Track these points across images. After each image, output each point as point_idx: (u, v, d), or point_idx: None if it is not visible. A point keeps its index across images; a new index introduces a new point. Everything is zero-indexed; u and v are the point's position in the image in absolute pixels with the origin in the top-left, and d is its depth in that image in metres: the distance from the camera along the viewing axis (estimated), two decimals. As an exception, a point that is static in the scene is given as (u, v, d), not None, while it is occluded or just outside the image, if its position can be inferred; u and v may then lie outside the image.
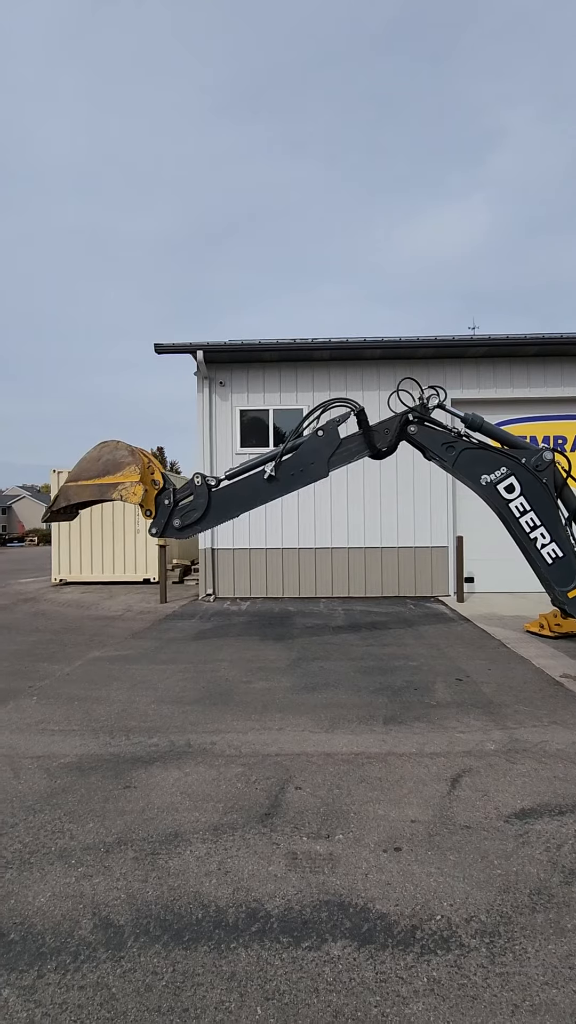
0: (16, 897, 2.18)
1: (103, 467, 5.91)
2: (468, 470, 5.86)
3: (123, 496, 5.75)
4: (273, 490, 5.94)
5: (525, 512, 5.60)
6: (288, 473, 5.89)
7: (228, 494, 6.01)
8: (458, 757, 3.37)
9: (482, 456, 5.82)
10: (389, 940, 1.93)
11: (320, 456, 5.91)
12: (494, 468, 5.73)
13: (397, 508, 9.92)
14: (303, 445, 5.92)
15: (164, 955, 1.88)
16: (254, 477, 5.94)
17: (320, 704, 4.35)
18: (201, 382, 10.03)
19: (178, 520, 5.94)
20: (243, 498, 6.03)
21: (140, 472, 5.77)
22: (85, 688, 4.87)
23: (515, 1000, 1.69)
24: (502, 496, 5.70)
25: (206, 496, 5.91)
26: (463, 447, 5.88)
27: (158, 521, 5.95)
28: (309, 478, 5.96)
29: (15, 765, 3.35)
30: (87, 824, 2.69)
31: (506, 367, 9.91)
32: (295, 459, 5.91)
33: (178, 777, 3.16)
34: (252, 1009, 1.67)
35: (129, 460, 5.87)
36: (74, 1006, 1.69)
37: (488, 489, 5.76)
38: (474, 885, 2.21)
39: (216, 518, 6.10)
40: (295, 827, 2.63)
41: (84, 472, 6.03)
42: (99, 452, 6.05)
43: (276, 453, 5.90)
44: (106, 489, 5.87)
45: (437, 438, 6.02)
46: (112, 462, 5.90)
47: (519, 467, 5.65)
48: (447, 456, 5.93)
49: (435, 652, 5.96)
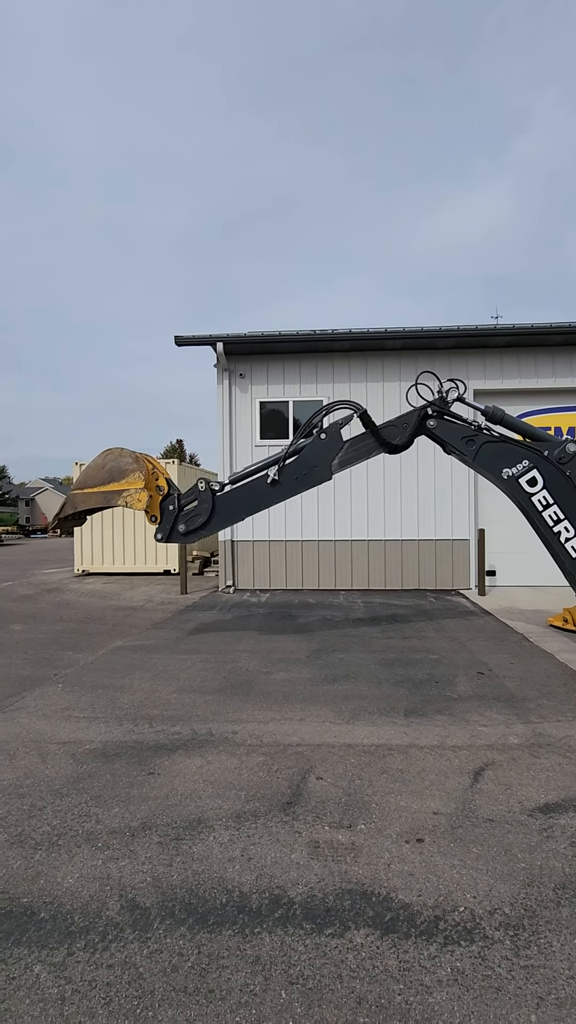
0: (45, 877, 2.24)
1: (108, 474, 6.00)
2: (489, 464, 5.77)
3: (128, 503, 5.83)
4: (277, 494, 5.94)
5: (548, 506, 5.50)
6: (291, 477, 5.88)
7: (232, 499, 6.03)
8: (480, 750, 3.35)
9: (503, 449, 5.72)
10: (412, 930, 1.94)
11: (323, 459, 5.88)
12: (515, 461, 5.63)
13: (418, 501, 9.84)
14: (306, 449, 5.90)
15: (189, 937, 1.92)
16: (258, 482, 5.95)
17: (341, 695, 4.36)
18: (221, 374, 10.04)
19: (183, 525, 5.99)
20: (247, 503, 6.05)
21: (144, 478, 5.85)
22: (108, 676, 4.95)
23: (540, 993, 1.68)
24: (524, 490, 5.61)
25: (210, 501, 5.95)
26: (483, 440, 5.79)
27: (163, 527, 6.01)
28: (313, 481, 5.94)
29: (42, 750, 3.43)
30: (112, 808, 2.74)
31: (530, 357, 9.72)
32: (298, 463, 5.89)
33: (200, 765, 3.20)
34: (276, 993, 1.69)
35: (133, 467, 5.94)
36: (103, 984, 1.73)
37: (510, 483, 5.66)
38: (498, 878, 2.20)
39: (220, 523, 6.14)
40: (317, 816, 2.65)
41: (89, 480, 6.14)
42: (103, 460, 6.15)
43: (279, 457, 5.90)
44: (111, 496, 5.96)
45: (457, 432, 5.93)
46: (116, 469, 5.99)
47: (541, 460, 5.54)
48: (467, 450, 5.84)
49: (456, 645, 5.92)
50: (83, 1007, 1.66)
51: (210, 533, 6.35)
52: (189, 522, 5.98)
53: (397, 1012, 1.62)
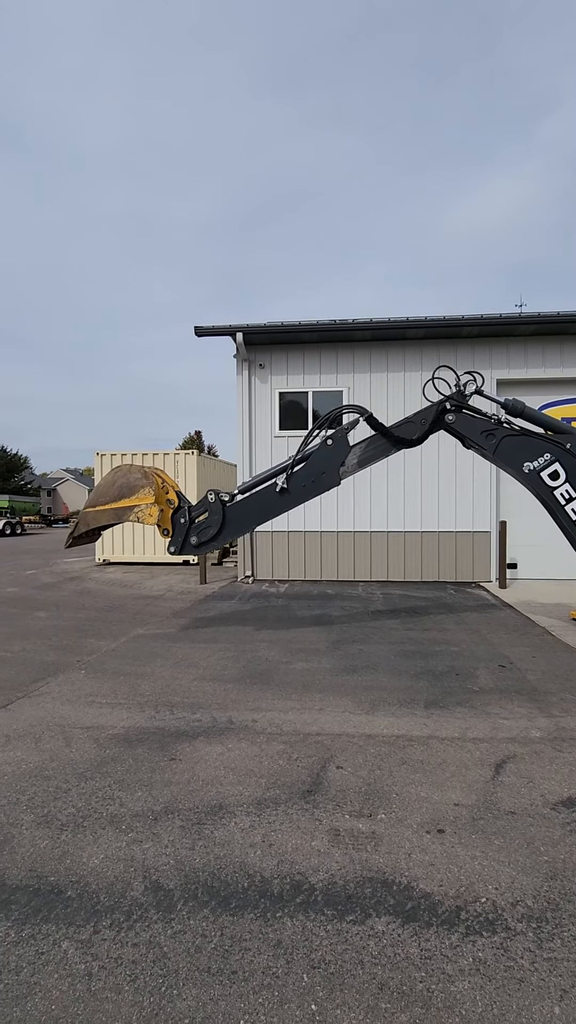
0: (71, 857, 2.29)
1: (118, 491, 6.05)
2: (509, 458, 5.67)
3: (140, 518, 5.87)
4: (286, 502, 5.92)
5: (571, 500, 5.39)
6: (300, 484, 5.85)
7: (242, 509, 6.03)
8: (502, 743, 3.32)
9: (524, 443, 5.61)
10: (433, 919, 1.94)
11: (331, 465, 5.84)
12: (537, 455, 5.52)
13: (438, 492, 9.74)
14: (313, 456, 5.86)
15: (212, 920, 1.95)
16: (267, 491, 5.94)
17: (360, 686, 4.36)
18: (240, 364, 10.03)
19: (195, 537, 6.01)
20: (257, 512, 6.05)
21: (155, 493, 5.87)
22: (130, 664, 5.02)
23: (563, 985, 1.67)
24: (546, 483, 5.50)
25: (220, 512, 5.95)
26: (503, 434, 5.68)
27: (175, 540, 6.04)
28: (321, 488, 5.91)
29: (67, 735, 3.50)
30: (135, 792, 2.79)
31: (556, 345, 9.50)
32: (306, 470, 5.86)
33: (221, 752, 3.23)
34: (299, 976, 1.71)
35: (143, 483, 5.97)
36: (128, 961, 1.77)
37: (531, 477, 5.56)
38: (520, 870, 2.18)
39: (231, 533, 6.15)
40: (337, 804, 2.66)
41: (101, 497, 6.20)
42: (114, 477, 6.22)
43: (286, 466, 5.88)
44: (123, 512, 6.01)
45: (476, 426, 5.83)
46: (127, 485, 6.03)
47: (563, 452, 5.43)
48: (487, 444, 5.74)
49: (477, 638, 5.87)
50: (109, 983, 1.70)
51: (222, 544, 6.37)
52: (201, 534, 6.01)
53: (419, 999, 1.63)
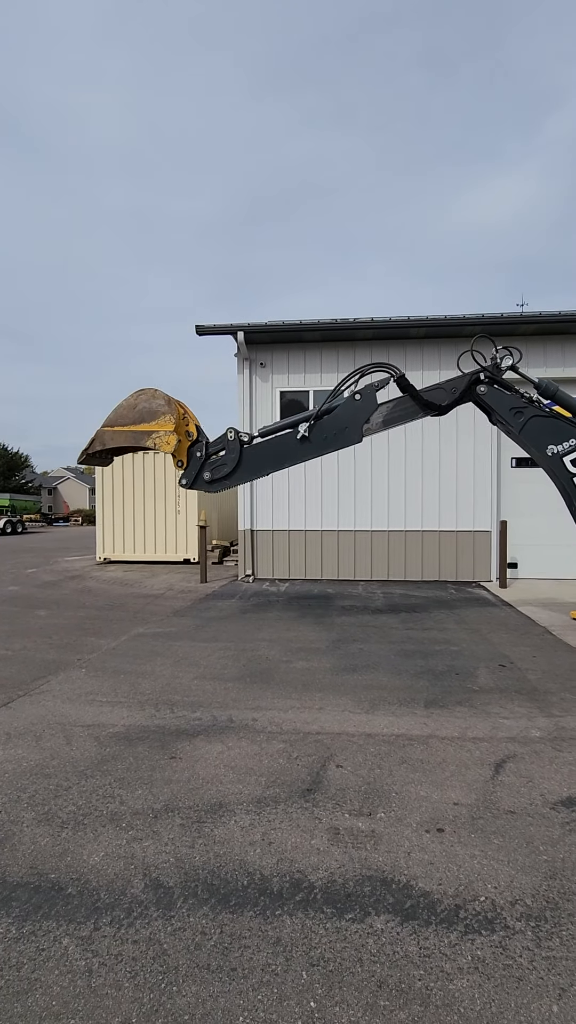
0: (72, 855, 2.30)
1: (139, 415, 5.97)
2: (534, 438, 5.63)
3: (156, 444, 5.80)
4: (306, 451, 5.88)
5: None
6: (322, 436, 5.82)
7: (260, 451, 5.99)
8: (501, 743, 3.33)
9: (552, 425, 5.58)
10: (432, 917, 1.94)
11: (355, 421, 5.81)
12: (563, 439, 5.49)
13: (439, 492, 9.75)
14: (339, 408, 5.84)
15: (212, 917, 1.95)
16: (287, 436, 5.91)
17: (360, 685, 4.37)
18: (242, 363, 10.03)
19: (208, 473, 5.98)
20: (275, 456, 6.00)
21: (175, 422, 5.83)
22: (130, 662, 5.03)
23: (562, 984, 1.68)
24: (568, 469, 5.48)
25: (238, 451, 5.91)
26: (532, 414, 5.65)
27: (189, 472, 6.00)
28: (343, 442, 5.88)
29: (67, 733, 3.51)
30: (136, 791, 2.80)
31: (558, 345, 9.50)
32: (330, 422, 5.83)
33: (221, 751, 3.24)
34: (298, 973, 1.72)
35: (165, 409, 5.90)
36: (128, 958, 1.78)
37: (553, 460, 5.53)
38: (519, 869, 2.19)
39: (246, 474, 6.10)
40: (337, 803, 2.66)
41: (120, 418, 6.09)
42: (136, 400, 6.09)
43: (312, 414, 5.85)
44: (140, 436, 5.92)
45: (506, 401, 5.79)
46: (148, 410, 5.95)
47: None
48: (514, 422, 5.70)
49: (477, 637, 5.87)
50: (109, 979, 1.70)
51: (234, 484, 6.32)
52: (215, 471, 5.97)
53: (418, 997, 1.64)
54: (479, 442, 9.64)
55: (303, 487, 10.03)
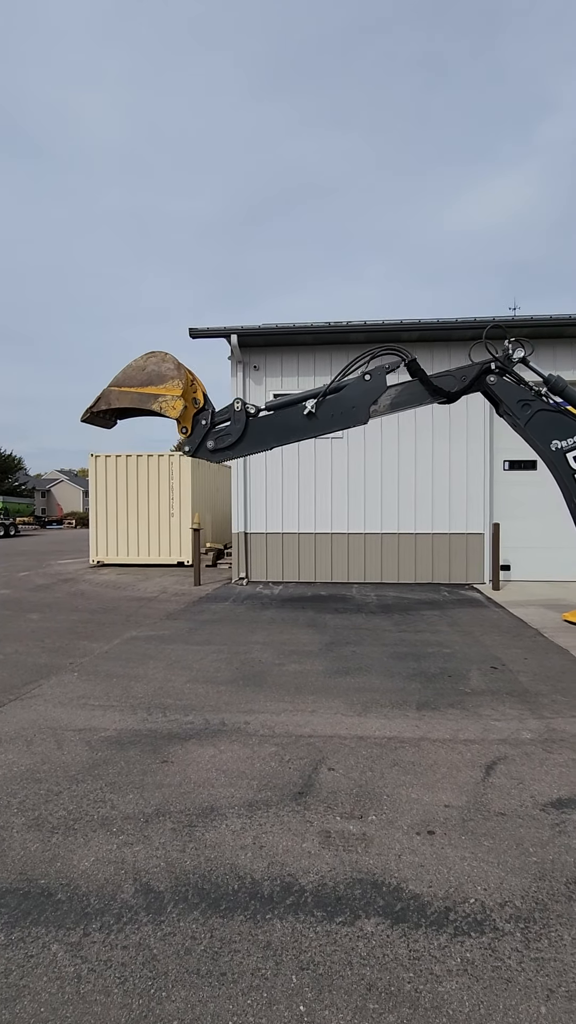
0: (62, 860, 2.29)
1: (147, 377, 5.89)
2: (540, 432, 5.67)
3: (162, 408, 5.73)
4: (311, 427, 5.86)
5: None
6: (328, 413, 5.80)
7: (265, 424, 5.95)
8: (493, 745, 3.34)
9: (558, 420, 5.61)
10: (422, 920, 1.95)
11: (363, 401, 5.80)
12: (568, 435, 5.53)
13: (432, 494, 9.78)
14: (347, 388, 5.83)
15: (202, 921, 1.95)
16: (294, 411, 5.88)
17: (353, 688, 4.37)
18: (235, 366, 10.04)
19: (212, 442, 5.93)
20: (280, 430, 5.96)
21: (183, 387, 5.76)
22: (123, 666, 5.02)
23: (550, 985, 1.68)
24: (570, 465, 5.52)
25: (243, 422, 5.87)
26: (539, 407, 5.68)
27: (192, 440, 5.94)
28: (349, 421, 5.86)
29: (58, 737, 3.49)
30: (127, 795, 2.79)
31: (549, 349, 9.56)
32: (337, 400, 5.82)
33: (213, 754, 3.23)
34: (287, 977, 1.72)
35: (174, 374, 5.83)
36: (118, 964, 1.77)
37: (557, 455, 5.57)
38: (509, 871, 2.20)
39: (250, 446, 6.05)
40: (328, 806, 2.67)
41: (128, 379, 5.99)
42: (145, 361, 5.99)
43: (320, 391, 5.83)
44: (147, 399, 5.84)
45: (515, 394, 5.82)
46: (157, 373, 5.87)
47: None
48: (521, 414, 5.73)
49: (469, 640, 5.89)
50: (98, 985, 1.70)
51: (237, 455, 6.25)
52: (219, 440, 5.92)
53: (407, 999, 1.64)
54: (472, 445, 9.69)
55: (297, 489, 10.04)
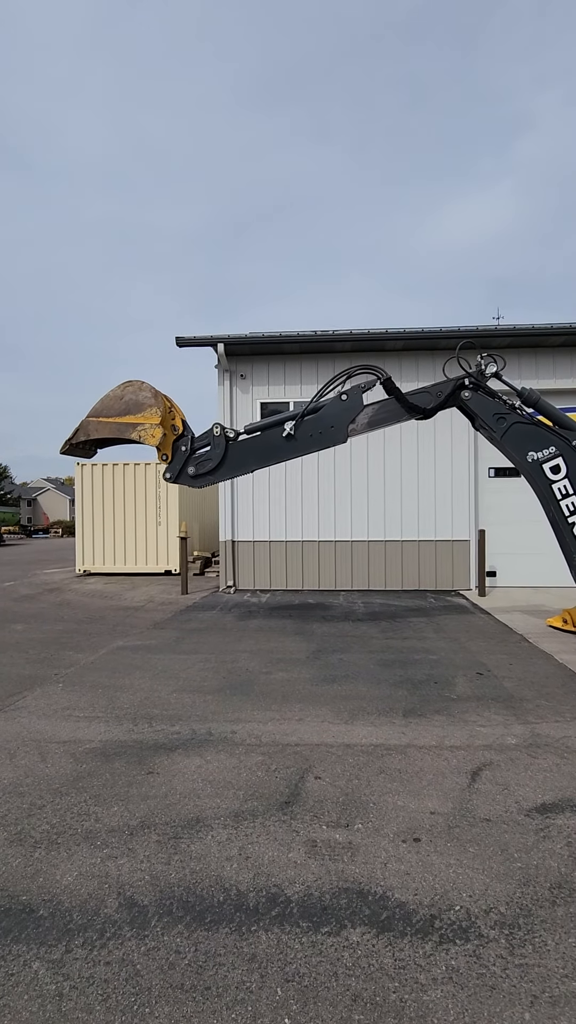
0: (44, 875, 2.25)
1: (125, 406, 5.94)
2: (516, 445, 5.75)
3: (141, 437, 5.78)
4: (291, 449, 5.91)
5: (567, 495, 5.50)
6: (307, 434, 5.86)
7: (245, 447, 6.00)
8: (478, 751, 3.36)
9: (533, 432, 5.70)
10: (408, 928, 1.95)
11: (340, 421, 5.86)
12: (543, 446, 5.61)
13: (418, 502, 9.85)
14: (324, 408, 5.89)
15: (187, 935, 1.93)
16: (273, 433, 5.93)
17: (340, 696, 4.37)
18: (222, 375, 10.07)
19: (193, 468, 5.97)
20: (260, 453, 6.01)
21: (161, 415, 5.80)
22: (109, 676, 4.97)
23: (534, 991, 1.69)
24: (547, 476, 5.59)
25: (223, 447, 5.92)
26: (514, 420, 5.76)
27: (173, 467, 5.98)
28: (328, 441, 5.92)
29: (42, 749, 3.45)
30: (112, 807, 2.76)
31: (531, 358, 9.72)
32: (315, 421, 5.88)
33: (199, 764, 3.21)
34: (272, 990, 1.71)
35: (151, 402, 5.88)
36: (100, 980, 1.75)
37: (533, 467, 5.64)
38: (493, 877, 2.21)
39: (231, 470, 6.10)
40: (315, 815, 2.66)
41: (106, 409, 6.05)
42: (122, 391, 6.05)
43: (297, 413, 5.89)
44: (126, 428, 5.89)
45: (489, 407, 5.90)
46: (134, 402, 5.93)
47: (569, 449, 5.53)
48: (497, 427, 5.81)
49: (455, 646, 5.92)
50: (80, 1003, 1.67)
51: (219, 480, 6.30)
52: (199, 466, 5.96)
53: (392, 1009, 1.64)
54: (457, 453, 9.78)
55: (284, 498, 10.06)
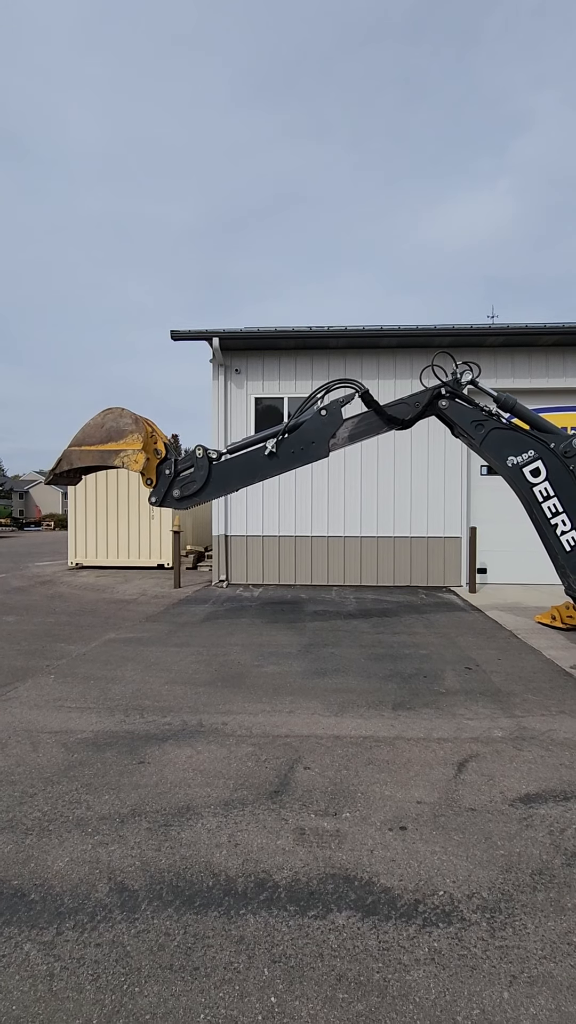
0: (36, 861, 2.29)
1: (106, 434, 5.98)
2: (495, 450, 5.81)
3: (125, 463, 5.82)
4: (273, 466, 5.97)
5: (549, 497, 5.57)
6: (289, 451, 5.91)
7: (228, 468, 6.05)
8: (465, 743, 3.42)
9: (511, 437, 5.76)
10: (392, 912, 2.00)
11: (321, 436, 5.92)
12: (522, 450, 5.68)
13: (411, 498, 9.91)
14: (305, 424, 5.93)
15: (176, 918, 1.97)
16: (255, 452, 5.98)
17: (330, 688, 4.42)
18: (216, 369, 10.06)
19: (177, 491, 6.01)
20: (244, 472, 6.07)
21: (143, 441, 5.84)
22: (100, 668, 4.99)
23: (513, 972, 1.74)
24: (527, 479, 5.66)
25: (206, 468, 5.97)
26: (492, 426, 5.83)
27: (158, 490, 6.03)
28: (309, 457, 5.98)
29: (34, 739, 3.47)
30: (103, 796, 2.79)
31: (524, 357, 9.78)
32: (296, 438, 5.93)
33: (190, 755, 3.25)
34: (259, 970, 1.75)
35: (132, 428, 5.93)
36: (91, 961, 1.78)
37: (514, 471, 5.71)
38: (477, 864, 2.26)
39: (215, 491, 6.16)
40: (303, 804, 2.70)
41: (87, 438, 6.10)
42: (103, 419, 6.10)
43: (278, 430, 5.94)
44: (108, 456, 5.94)
45: (467, 415, 5.96)
46: (115, 429, 5.97)
47: (547, 451, 5.60)
48: (476, 434, 5.88)
49: (445, 641, 5.99)
50: (71, 983, 1.71)
51: (204, 501, 6.36)
52: (184, 488, 6.00)
53: (375, 988, 1.69)
54: (449, 450, 9.84)
55: (277, 493, 10.08)
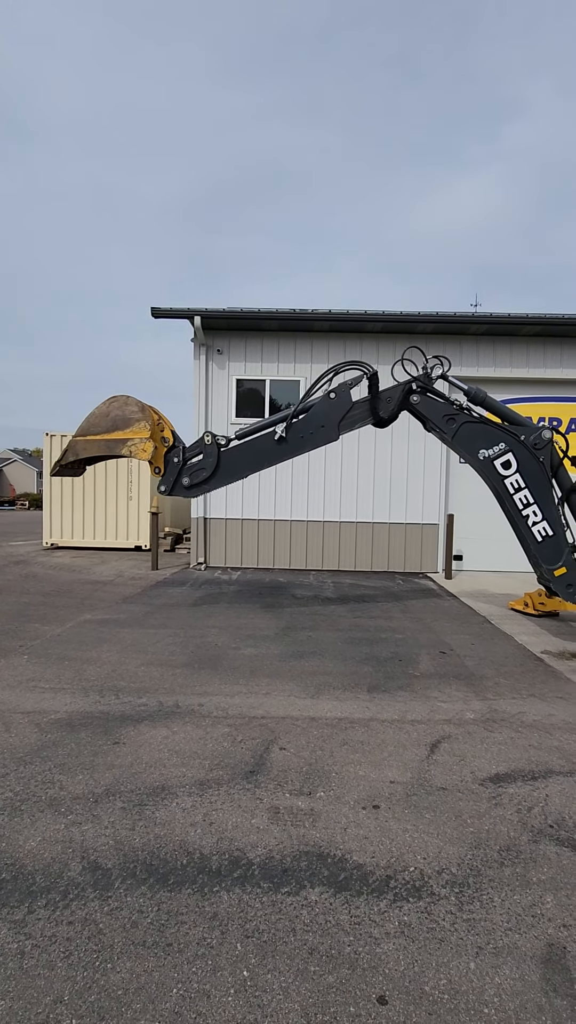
0: (7, 840, 2.26)
1: (112, 423, 5.85)
2: (467, 444, 5.87)
3: (132, 452, 5.71)
4: (283, 451, 5.92)
5: (520, 489, 5.65)
6: (298, 435, 5.86)
7: (238, 454, 5.98)
8: (438, 724, 3.48)
9: (482, 430, 5.82)
10: (364, 888, 2.04)
11: (331, 419, 5.87)
12: (493, 443, 5.74)
13: (390, 485, 9.96)
14: (314, 408, 5.88)
15: (149, 896, 1.97)
16: (264, 438, 5.91)
17: (307, 671, 4.45)
18: (198, 349, 9.89)
19: (187, 479, 5.93)
20: (252, 459, 6.00)
21: (150, 429, 5.74)
22: (75, 649, 4.93)
23: (479, 943, 1.80)
24: (498, 472, 5.73)
25: (216, 455, 5.89)
26: (464, 420, 5.87)
27: (167, 479, 5.94)
28: (319, 441, 5.94)
29: (6, 719, 3.42)
30: (77, 776, 2.77)
31: (506, 346, 9.84)
32: (305, 421, 5.88)
33: (166, 735, 3.24)
34: (232, 945, 1.77)
35: (139, 416, 5.81)
36: (63, 939, 1.78)
37: (485, 464, 5.78)
38: (447, 841, 2.32)
39: (225, 478, 6.09)
40: (278, 784, 2.73)
41: (93, 427, 5.96)
42: (108, 407, 5.97)
43: (287, 415, 5.87)
44: (115, 445, 5.81)
45: (439, 409, 5.99)
46: (121, 418, 5.84)
47: (517, 444, 5.67)
48: (447, 428, 5.92)
49: (421, 626, 6.08)
50: (42, 960, 1.70)
51: (214, 488, 6.29)
52: (193, 475, 5.92)
53: (346, 961, 1.72)
54: (429, 437, 9.87)
55: (257, 477, 10.02)
